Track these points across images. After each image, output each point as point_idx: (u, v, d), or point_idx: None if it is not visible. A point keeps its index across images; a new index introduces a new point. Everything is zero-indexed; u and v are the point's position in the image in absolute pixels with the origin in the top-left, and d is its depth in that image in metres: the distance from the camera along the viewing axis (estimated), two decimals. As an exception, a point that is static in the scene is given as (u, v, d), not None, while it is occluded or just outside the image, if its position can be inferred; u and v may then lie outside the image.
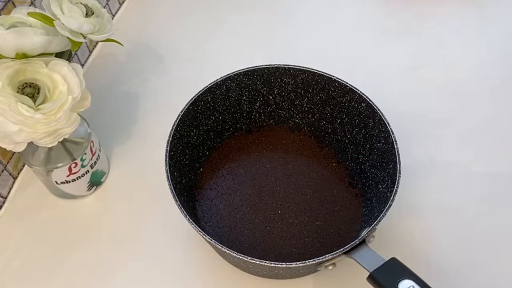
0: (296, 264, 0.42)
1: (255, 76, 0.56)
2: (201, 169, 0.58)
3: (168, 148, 0.49)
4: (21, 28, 0.42)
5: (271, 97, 0.59)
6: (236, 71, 0.55)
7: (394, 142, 0.49)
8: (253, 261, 0.42)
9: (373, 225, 0.44)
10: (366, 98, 0.52)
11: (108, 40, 0.49)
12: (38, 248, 0.54)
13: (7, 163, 0.57)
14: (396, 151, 0.48)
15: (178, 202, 0.45)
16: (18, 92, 0.43)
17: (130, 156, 0.62)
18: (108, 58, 0.73)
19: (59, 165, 0.51)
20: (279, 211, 0.54)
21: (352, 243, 0.43)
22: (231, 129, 0.60)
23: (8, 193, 0.58)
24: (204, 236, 0.43)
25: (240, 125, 0.60)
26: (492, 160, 0.60)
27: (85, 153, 0.53)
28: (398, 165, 0.47)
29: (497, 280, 0.51)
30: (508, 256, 0.52)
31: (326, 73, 0.55)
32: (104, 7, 0.74)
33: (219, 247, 0.43)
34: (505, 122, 0.64)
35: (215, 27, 0.77)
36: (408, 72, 0.70)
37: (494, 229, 0.54)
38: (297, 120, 0.60)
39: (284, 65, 0.56)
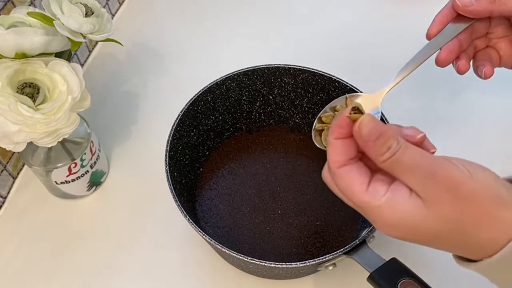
0: (296, 264, 0.42)
1: (255, 76, 0.56)
2: (201, 169, 0.58)
3: (168, 148, 0.49)
4: (20, 28, 0.42)
5: (271, 97, 0.59)
6: (236, 71, 0.55)
7: (394, 142, 0.49)
8: (253, 261, 0.42)
9: (373, 225, 0.44)
10: (366, 98, 0.52)
11: (108, 40, 0.49)
12: (38, 248, 0.54)
13: (7, 163, 0.57)
14: (396, 151, 0.48)
15: (178, 202, 0.45)
16: (17, 92, 0.43)
17: (130, 156, 0.62)
18: (108, 58, 0.73)
19: (59, 165, 0.51)
20: (279, 211, 0.54)
21: (352, 243, 0.43)
22: (231, 129, 0.60)
23: (8, 193, 0.58)
24: (204, 236, 0.43)
25: (240, 125, 0.60)
26: (492, 160, 0.60)
27: (85, 153, 0.53)
28: (398, 165, 0.47)
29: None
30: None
31: (326, 73, 0.54)
32: (104, 7, 0.74)
33: (219, 247, 0.43)
34: (506, 122, 0.63)
35: (215, 27, 0.77)
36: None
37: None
38: (297, 120, 0.60)
39: (284, 65, 0.55)
